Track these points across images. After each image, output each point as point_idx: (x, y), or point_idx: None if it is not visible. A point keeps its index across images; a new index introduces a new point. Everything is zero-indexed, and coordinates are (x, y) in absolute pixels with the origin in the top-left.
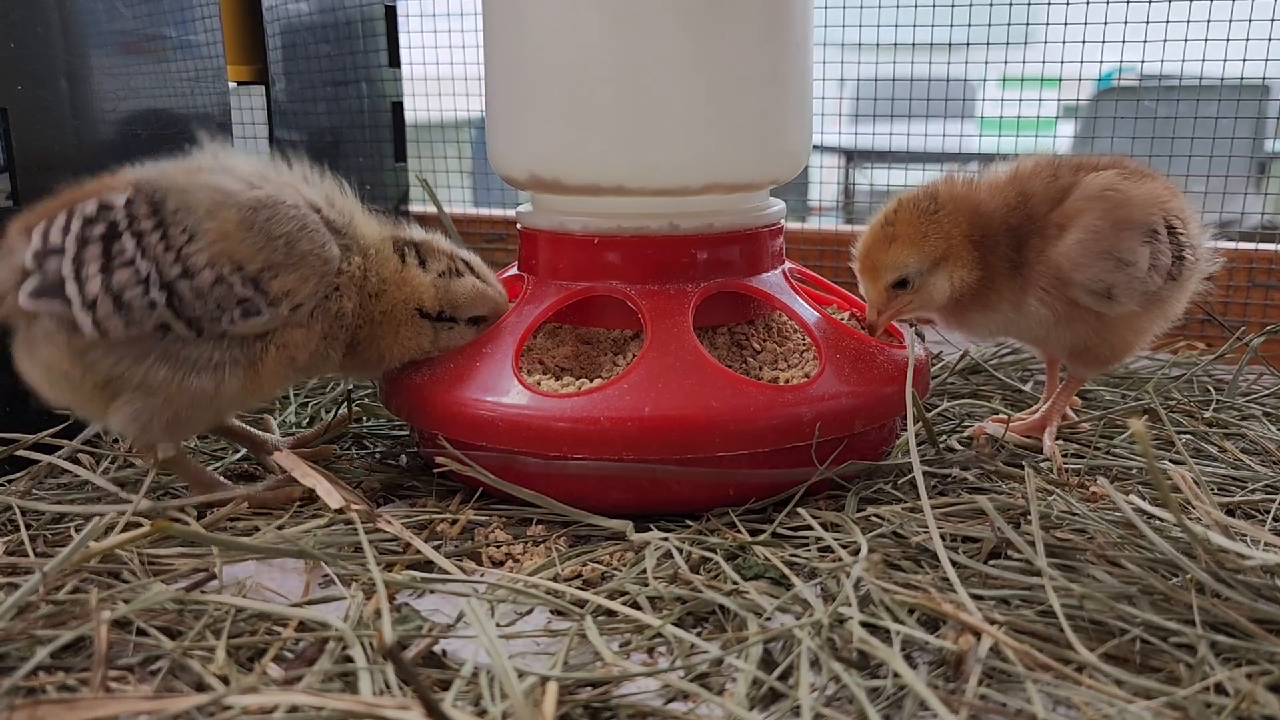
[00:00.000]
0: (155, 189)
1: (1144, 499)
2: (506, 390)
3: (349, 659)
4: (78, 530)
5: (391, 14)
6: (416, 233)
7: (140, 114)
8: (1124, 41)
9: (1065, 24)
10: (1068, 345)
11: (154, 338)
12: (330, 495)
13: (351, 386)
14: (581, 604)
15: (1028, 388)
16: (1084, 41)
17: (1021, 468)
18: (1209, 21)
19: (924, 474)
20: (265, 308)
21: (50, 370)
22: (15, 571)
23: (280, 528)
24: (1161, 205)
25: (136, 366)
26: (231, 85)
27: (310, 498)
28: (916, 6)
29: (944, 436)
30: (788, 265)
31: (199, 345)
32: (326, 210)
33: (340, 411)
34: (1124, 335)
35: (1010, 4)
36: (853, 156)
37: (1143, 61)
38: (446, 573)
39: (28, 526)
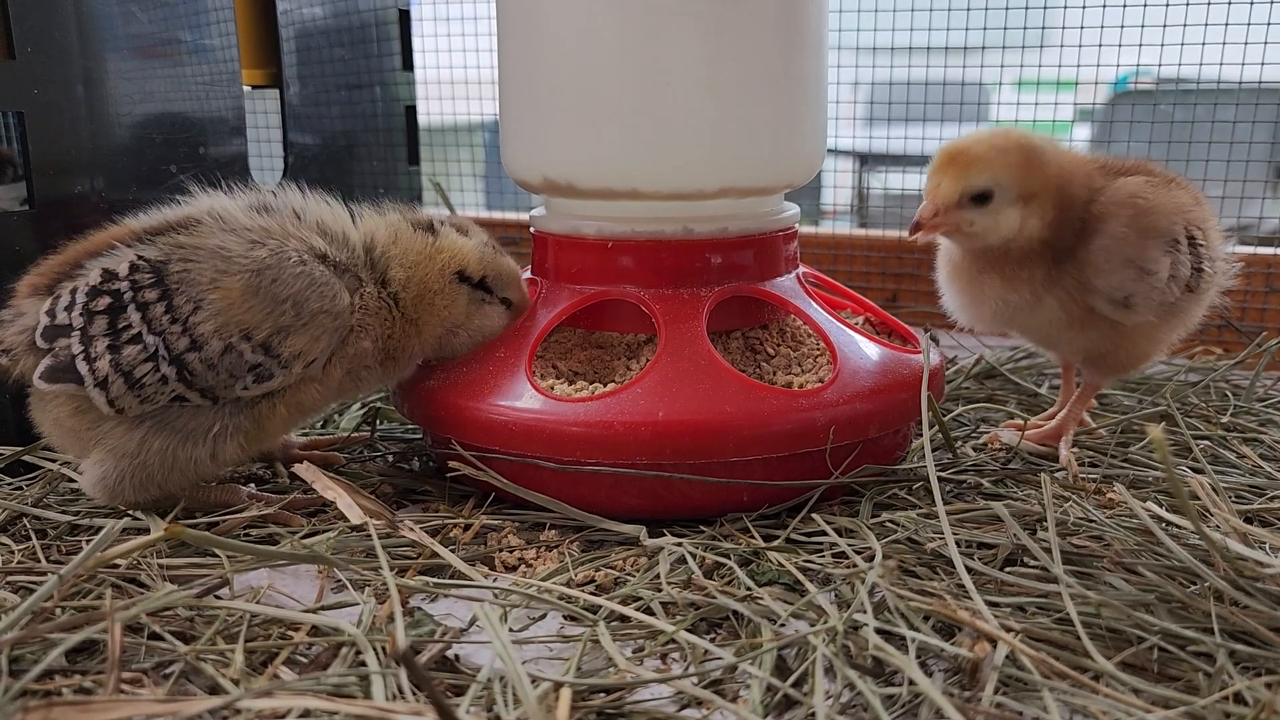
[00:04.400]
0: (158, 254)
1: (1161, 506)
2: (520, 395)
3: (362, 664)
4: (91, 539)
5: (405, 17)
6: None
7: (155, 118)
8: (1140, 44)
9: (1081, 27)
10: (1081, 350)
11: (164, 408)
12: (350, 509)
13: (377, 406)
14: (594, 609)
15: (1044, 390)
16: (1100, 44)
17: (1038, 474)
18: (1226, 24)
19: (939, 479)
20: (278, 370)
21: (59, 425)
22: (31, 572)
23: (295, 534)
24: (1185, 215)
25: (134, 433)
26: (246, 89)
27: (324, 507)
28: (931, 10)
29: (959, 442)
30: (802, 269)
31: (201, 414)
32: (332, 252)
33: (360, 426)
34: (1140, 344)
35: (1026, 7)
36: (867, 160)
37: (1160, 64)
38: (461, 577)
39: (41, 534)
